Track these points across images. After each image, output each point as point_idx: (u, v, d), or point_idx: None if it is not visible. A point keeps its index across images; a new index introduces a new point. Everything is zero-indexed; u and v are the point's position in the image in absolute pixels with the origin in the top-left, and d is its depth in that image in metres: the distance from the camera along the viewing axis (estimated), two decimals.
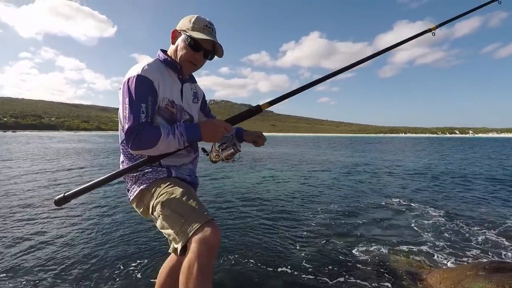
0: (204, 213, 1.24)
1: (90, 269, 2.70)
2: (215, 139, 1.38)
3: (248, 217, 4.44)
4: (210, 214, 1.25)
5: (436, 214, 4.72)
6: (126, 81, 1.31)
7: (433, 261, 3.00)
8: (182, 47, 1.41)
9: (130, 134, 1.23)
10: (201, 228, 1.18)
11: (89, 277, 2.56)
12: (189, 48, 1.39)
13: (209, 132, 1.32)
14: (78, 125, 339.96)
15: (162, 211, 1.30)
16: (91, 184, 1.28)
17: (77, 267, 2.74)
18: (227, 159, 1.44)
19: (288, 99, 1.53)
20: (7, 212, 4.55)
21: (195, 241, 1.15)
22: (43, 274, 2.59)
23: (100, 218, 4.29)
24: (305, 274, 2.67)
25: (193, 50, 1.40)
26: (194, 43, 1.38)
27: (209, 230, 1.17)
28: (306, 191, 6.64)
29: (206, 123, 1.35)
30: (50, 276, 2.57)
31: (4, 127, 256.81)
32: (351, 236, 3.68)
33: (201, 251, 1.13)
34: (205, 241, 1.14)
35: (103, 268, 2.73)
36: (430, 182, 8.17)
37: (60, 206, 1.34)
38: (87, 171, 9.75)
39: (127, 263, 2.84)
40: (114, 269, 2.71)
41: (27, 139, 43.62)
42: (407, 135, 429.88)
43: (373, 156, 17.80)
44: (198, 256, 1.12)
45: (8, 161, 12.08)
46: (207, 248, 1.14)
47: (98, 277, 2.57)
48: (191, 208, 1.25)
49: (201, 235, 1.16)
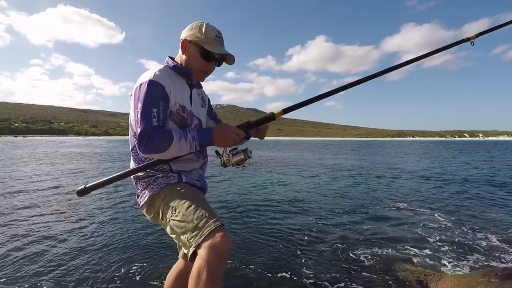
0: (214, 219, 1.24)
1: (97, 271, 2.72)
2: (226, 144, 1.40)
3: (252, 221, 4.42)
4: (220, 220, 1.25)
5: (445, 219, 4.64)
6: (138, 86, 1.32)
7: (443, 268, 2.94)
8: (195, 58, 1.43)
9: (142, 138, 1.24)
10: (212, 234, 1.18)
11: (96, 279, 2.58)
12: (202, 59, 1.42)
13: (220, 137, 1.35)
14: (87, 130, 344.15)
15: (173, 217, 1.31)
16: (109, 178, 1.37)
17: (83, 269, 2.76)
18: (238, 165, 1.45)
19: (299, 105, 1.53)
20: (19, 207, 4.62)
21: (205, 247, 1.15)
22: (46, 273, 2.62)
23: (109, 222, 4.32)
24: (310, 280, 2.64)
25: (206, 61, 1.43)
26: (207, 54, 1.41)
27: (219, 236, 1.17)
28: (311, 196, 6.60)
29: (218, 128, 1.37)
30: (53, 275, 2.60)
31: (15, 132, 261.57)
32: (357, 242, 3.63)
33: (211, 258, 1.12)
34: (215, 248, 1.14)
35: (110, 271, 2.75)
36: (439, 186, 8.05)
37: (82, 196, 1.43)
38: (97, 171, 9.86)
39: (134, 267, 2.85)
40: (121, 273, 2.72)
41: (38, 143, 44.32)
42: (415, 138, 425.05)
43: (381, 160, 17.63)
44: (208, 263, 1.11)
45: (19, 164, 12.29)
46: (217, 255, 1.14)
47: (106, 280, 2.58)
48: (201, 214, 1.26)
49: (211, 242, 1.16)
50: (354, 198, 6.37)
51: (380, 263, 3.02)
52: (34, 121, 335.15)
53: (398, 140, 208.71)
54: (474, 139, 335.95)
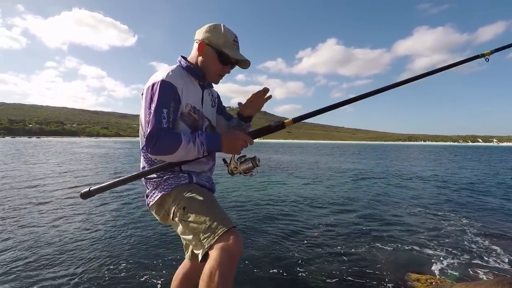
0: (226, 221, 1.23)
1: (103, 271, 2.75)
2: (234, 151, 1.37)
3: (261, 223, 4.41)
4: (232, 222, 1.24)
5: (458, 225, 4.53)
6: (150, 86, 1.31)
7: (455, 275, 2.87)
8: (212, 61, 1.42)
9: (151, 139, 1.23)
10: (224, 235, 1.17)
11: (102, 279, 2.60)
12: (219, 62, 1.42)
13: (229, 144, 1.32)
14: (98, 132, 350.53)
15: (184, 217, 1.30)
16: (114, 182, 1.34)
17: (88, 269, 2.79)
18: (245, 173, 1.42)
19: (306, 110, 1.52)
20: (32, 204, 4.73)
21: (217, 249, 1.14)
22: (47, 272, 2.67)
23: (115, 222, 4.37)
24: (319, 283, 2.62)
25: (223, 65, 1.43)
26: (225, 58, 1.41)
27: (231, 238, 1.16)
28: (322, 198, 6.54)
29: (227, 135, 1.35)
30: (57, 273, 2.64)
31: (29, 133, 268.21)
32: (367, 246, 3.58)
33: (223, 259, 1.11)
34: (227, 249, 1.13)
35: (116, 271, 2.78)
36: (452, 191, 7.89)
37: (85, 199, 1.40)
38: (105, 173, 10.01)
39: (141, 267, 2.87)
40: (127, 274, 2.74)
41: (51, 144, 45.28)
42: (427, 143, 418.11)
43: (393, 164, 17.39)
44: (219, 264, 1.10)
45: (33, 164, 12.59)
46: (229, 257, 1.13)
47: (112, 280, 2.61)
48: (213, 215, 1.25)
49: (223, 243, 1.15)
50: (364, 201, 6.28)
51: (390, 270, 2.96)
52: (48, 122, 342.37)
53: (409, 144, 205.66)
54: (489, 144, 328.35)
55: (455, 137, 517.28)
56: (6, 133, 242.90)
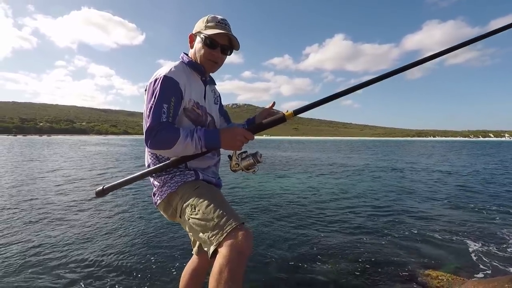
0: (235, 217, 1.22)
1: (111, 268, 2.79)
2: (234, 147, 1.34)
3: (271, 219, 4.42)
4: (241, 218, 1.24)
5: (468, 221, 4.45)
6: (153, 81, 1.32)
7: (466, 272, 2.83)
8: (199, 47, 1.42)
9: (150, 133, 1.25)
10: (233, 232, 1.16)
11: (112, 276, 2.65)
12: (206, 47, 1.40)
13: (228, 140, 1.30)
14: (107, 130, 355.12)
15: (192, 215, 1.30)
16: (125, 180, 1.41)
17: (98, 266, 2.84)
18: (247, 170, 1.39)
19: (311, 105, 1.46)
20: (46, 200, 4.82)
21: (227, 246, 1.13)
22: (57, 269, 2.72)
23: (124, 221, 4.44)
24: (328, 280, 2.61)
25: (210, 48, 1.40)
26: (210, 41, 1.39)
27: (241, 234, 1.15)
28: (331, 195, 6.52)
29: (226, 131, 1.33)
30: (64, 271, 2.69)
31: (40, 131, 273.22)
32: (379, 240, 3.55)
33: (233, 256, 1.11)
34: (237, 246, 1.13)
35: (125, 267, 2.82)
36: (461, 187, 7.77)
37: (100, 197, 1.46)
38: (114, 171, 10.14)
39: (149, 264, 2.91)
40: (136, 270, 2.78)
41: (61, 142, 46.05)
42: (436, 138, 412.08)
43: (404, 160, 17.19)
44: (229, 261, 1.10)
45: (45, 161, 12.84)
46: (239, 253, 1.12)
47: (121, 276, 2.65)
48: (222, 212, 1.24)
49: (233, 240, 1.14)
50: (375, 197, 6.24)
51: (401, 266, 2.94)
52: (58, 120, 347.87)
53: (418, 140, 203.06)
54: (501, 140, 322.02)
55: (466, 132, 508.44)
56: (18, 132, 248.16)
